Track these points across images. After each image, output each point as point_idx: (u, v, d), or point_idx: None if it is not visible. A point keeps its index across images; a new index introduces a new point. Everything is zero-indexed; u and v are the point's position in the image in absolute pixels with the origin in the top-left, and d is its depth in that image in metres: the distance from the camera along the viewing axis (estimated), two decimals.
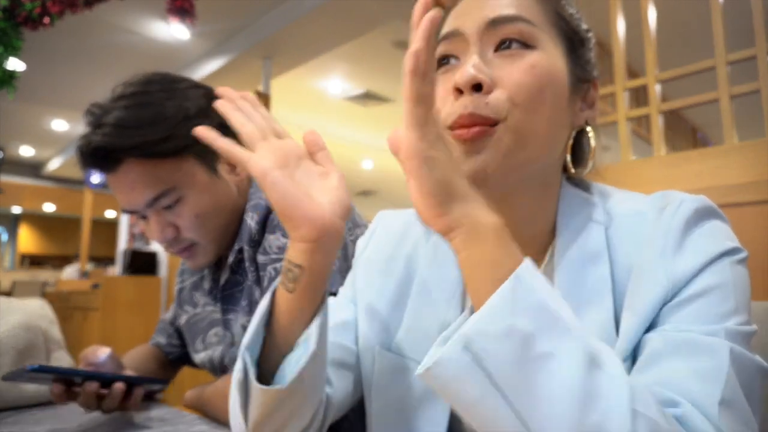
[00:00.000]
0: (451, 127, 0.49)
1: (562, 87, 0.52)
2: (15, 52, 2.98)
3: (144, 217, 0.89)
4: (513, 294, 0.38)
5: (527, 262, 0.40)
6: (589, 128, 0.57)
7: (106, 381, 0.77)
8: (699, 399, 0.42)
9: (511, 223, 0.45)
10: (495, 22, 0.50)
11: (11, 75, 3.09)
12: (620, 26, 2.02)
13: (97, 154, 0.81)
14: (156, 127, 0.81)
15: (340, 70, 5.05)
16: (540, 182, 0.54)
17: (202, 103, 0.88)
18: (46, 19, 2.92)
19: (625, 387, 0.37)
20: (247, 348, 0.49)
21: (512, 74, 0.49)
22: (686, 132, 6.05)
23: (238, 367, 0.49)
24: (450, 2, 0.55)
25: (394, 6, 3.44)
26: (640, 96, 4.31)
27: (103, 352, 0.88)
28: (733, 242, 0.50)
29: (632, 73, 3.88)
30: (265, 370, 0.51)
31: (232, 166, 0.95)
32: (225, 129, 0.92)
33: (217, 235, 0.91)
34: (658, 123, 1.88)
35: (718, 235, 0.50)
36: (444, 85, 0.52)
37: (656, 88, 1.90)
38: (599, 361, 0.38)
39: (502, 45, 0.51)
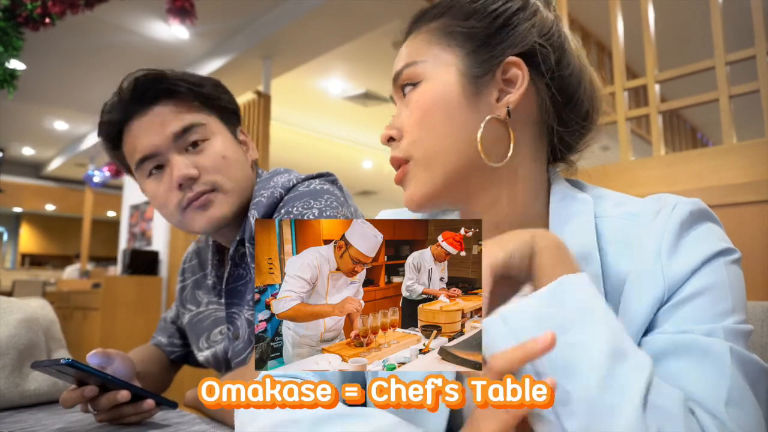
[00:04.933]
0: None
1: (453, 97, 0.55)
2: (15, 52, 2.97)
3: (160, 167, 0.88)
4: (553, 292, 0.44)
5: (574, 275, 0.45)
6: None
7: (133, 393, 0.74)
8: (704, 399, 0.43)
9: (491, 216, 0.56)
10: (396, 78, 0.60)
11: (11, 75, 3.08)
12: (620, 26, 2.03)
13: (142, 83, 0.87)
14: (191, 76, 0.92)
15: (340, 70, 5.05)
16: (490, 179, 0.56)
17: (214, 82, 0.96)
18: (47, 20, 2.91)
19: (643, 379, 0.40)
20: None
21: (408, 118, 0.57)
22: (686, 132, 6.05)
23: None
24: None
25: (394, 6, 3.44)
26: (639, 96, 4.32)
27: (130, 368, 0.86)
28: (727, 243, 0.51)
29: (632, 73, 3.89)
30: None
31: (245, 147, 0.99)
32: (230, 113, 0.96)
33: (238, 188, 0.91)
34: (657, 123, 1.88)
35: (713, 236, 0.51)
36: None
37: (656, 88, 1.91)
38: (624, 354, 0.41)
39: (404, 91, 0.59)
